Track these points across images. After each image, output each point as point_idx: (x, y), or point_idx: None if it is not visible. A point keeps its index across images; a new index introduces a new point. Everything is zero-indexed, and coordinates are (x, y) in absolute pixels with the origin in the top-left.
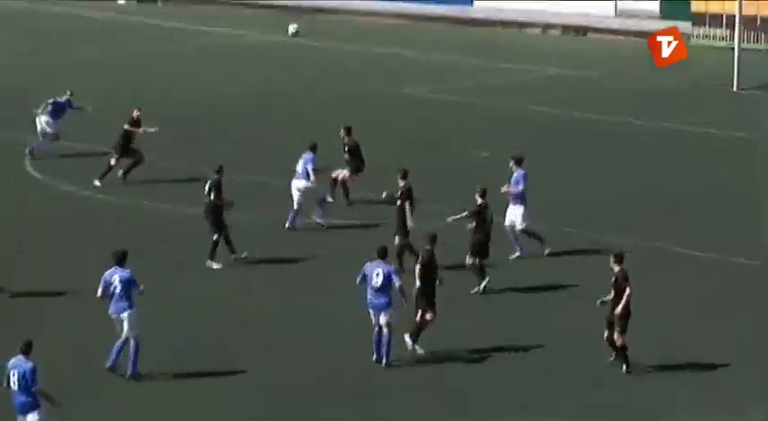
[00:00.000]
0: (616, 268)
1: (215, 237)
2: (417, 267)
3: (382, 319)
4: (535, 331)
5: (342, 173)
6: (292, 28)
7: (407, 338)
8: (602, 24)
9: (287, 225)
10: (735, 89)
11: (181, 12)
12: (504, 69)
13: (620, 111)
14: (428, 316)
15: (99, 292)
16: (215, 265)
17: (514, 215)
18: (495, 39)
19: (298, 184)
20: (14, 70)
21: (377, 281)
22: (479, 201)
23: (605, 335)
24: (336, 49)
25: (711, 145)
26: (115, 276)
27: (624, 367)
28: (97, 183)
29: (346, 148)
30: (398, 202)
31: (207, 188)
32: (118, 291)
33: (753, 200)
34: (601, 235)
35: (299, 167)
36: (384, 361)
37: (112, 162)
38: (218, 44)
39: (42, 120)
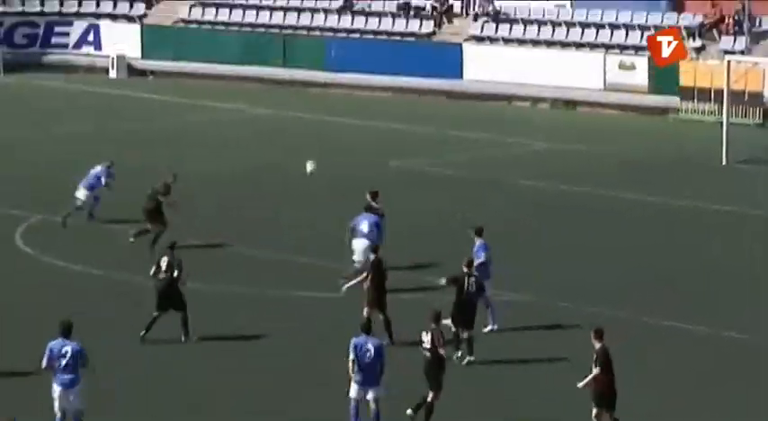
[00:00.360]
0: (597, 344)
1: (183, 314)
2: (438, 348)
3: (371, 395)
4: (526, 405)
5: None
6: (310, 166)
7: (409, 411)
8: (591, 98)
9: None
10: (724, 163)
11: (171, 86)
12: (495, 142)
13: (611, 185)
14: (429, 396)
15: (44, 364)
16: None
17: None
18: (485, 112)
19: (361, 245)
20: (7, 143)
21: (369, 356)
22: (464, 270)
23: (593, 412)
24: (327, 122)
25: (701, 219)
26: (67, 348)
27: None
28: (132, 239)
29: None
30: (367, 275)
31: (165, 265)
32: (69, 362)
33: (742, 274)
34: (595, 309)
35: (365, 228)
36: None
37: (149, 227)
38: (209, 118)
39: (81, 190)
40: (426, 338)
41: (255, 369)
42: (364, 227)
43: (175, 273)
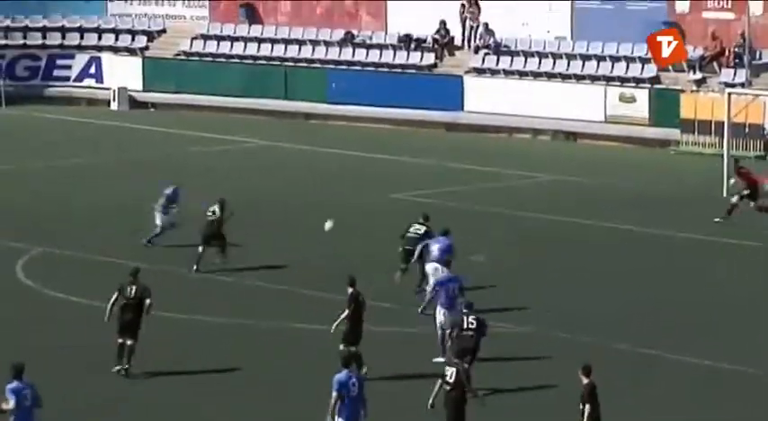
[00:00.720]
0: (584, 380)
1: (135, 343)
2: (463, 384)
3: None
4: None
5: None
6: (329, 224)
7: None
8: (591, 130)
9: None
10: (724, 196)
11: (173, 118)
12: (495, 174)
13: (611, 217)
14: None
15: (12, 404)
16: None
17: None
18: (485, 144)
19: (435, 266)
20: (9, 174)
21: (354, 390)
22: (463, 310)
23: None
24: (328, 154)
25: (702, 251)
26: (26, 390)
27: None
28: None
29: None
30: (348, 310)
31: (133, 292)
32: (30, 404)
33: (743, 305)
34: (595, 339)
35: (435, 251)
36: None
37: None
38: (210, 150)
39: (158, 215)
40: (450, 373)
41: (248, 402)
42: (435, 249)
43: (147, 302)
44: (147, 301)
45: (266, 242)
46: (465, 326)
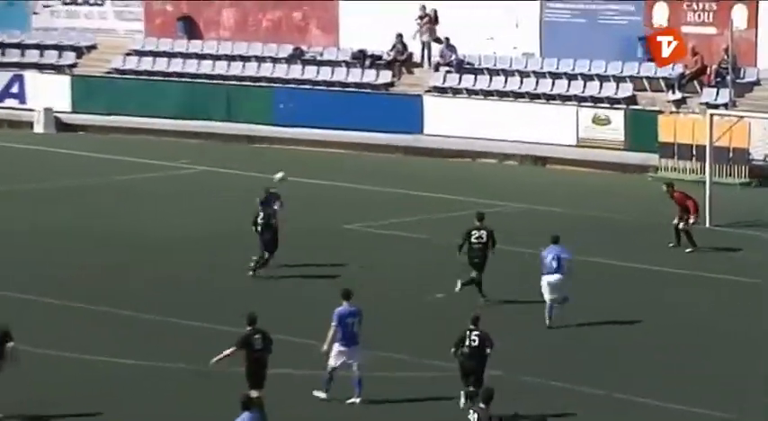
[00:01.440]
0: None
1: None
2: None
3: None
4: None
5: None
6: (279, 175)
7: None
8: (562, 154)
9: (547, 323)
10: (707, 226)
11: (104, 142)
12: (458, 203)
13: (583, 249)
14: None
15: None
16: None
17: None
18: (447, 170)
19: (549, 279)
20: None
21: None
22: (470, 326)
23: None
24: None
25: (682, 285)
26: None
27: None
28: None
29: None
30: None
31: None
32: None
33: (725, 342)
34: (566, 384)
35: (548, 261)
36: None
37: (266, 256)
38: (144, 176)
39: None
40: (473, 418)
41: None
42: (549, 260)
43: (9, 345)
44: (11, 344)
45: (203, 278)
46: (467, 343)
